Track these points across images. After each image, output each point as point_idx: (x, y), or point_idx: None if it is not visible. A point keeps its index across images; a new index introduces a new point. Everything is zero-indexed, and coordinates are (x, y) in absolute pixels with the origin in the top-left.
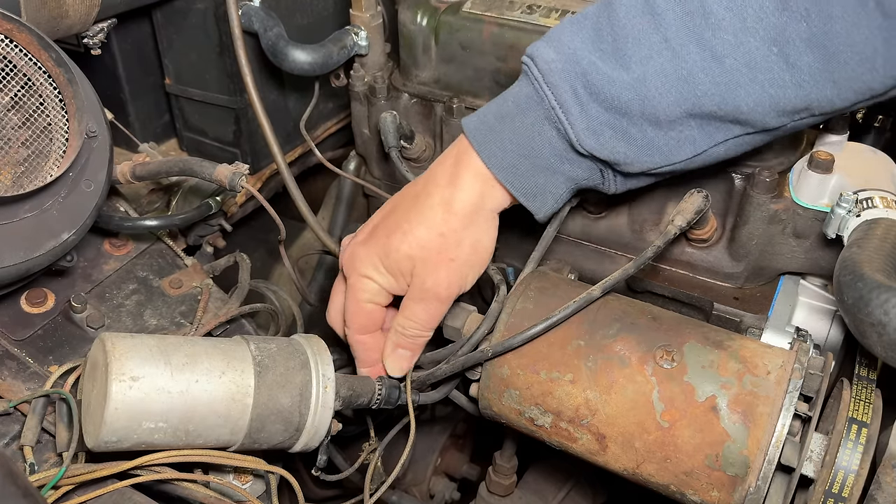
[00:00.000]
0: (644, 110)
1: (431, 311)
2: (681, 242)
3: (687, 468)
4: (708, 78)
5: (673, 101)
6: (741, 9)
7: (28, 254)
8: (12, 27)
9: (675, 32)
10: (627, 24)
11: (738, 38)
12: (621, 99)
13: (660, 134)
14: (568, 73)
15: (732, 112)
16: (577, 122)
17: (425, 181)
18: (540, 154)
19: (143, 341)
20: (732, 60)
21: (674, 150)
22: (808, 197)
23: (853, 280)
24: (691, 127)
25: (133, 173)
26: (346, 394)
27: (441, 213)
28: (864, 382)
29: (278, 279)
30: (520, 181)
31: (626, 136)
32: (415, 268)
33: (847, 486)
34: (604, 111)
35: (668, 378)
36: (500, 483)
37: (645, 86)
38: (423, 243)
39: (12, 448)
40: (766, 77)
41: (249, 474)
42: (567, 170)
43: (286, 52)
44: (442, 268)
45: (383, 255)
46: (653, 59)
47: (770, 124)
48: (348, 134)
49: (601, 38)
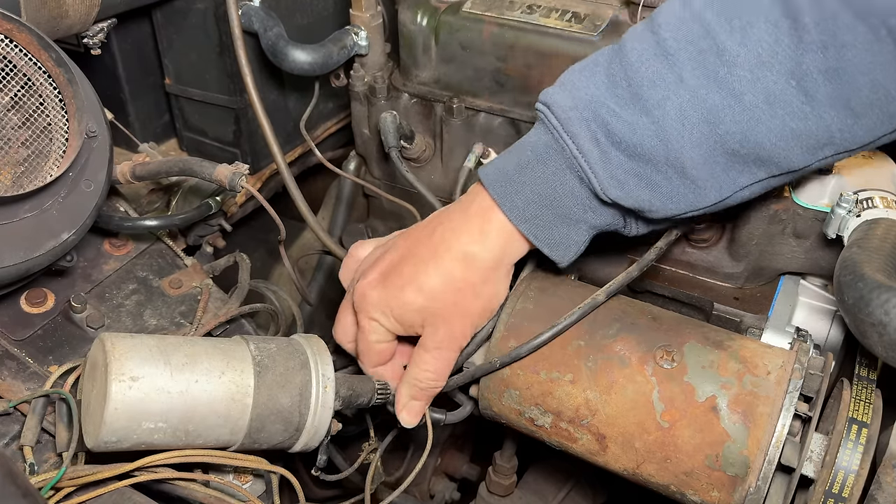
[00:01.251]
0: (668, 156)
1: (445, 360)
2: (681, 242)
3: (687, 468)
4: (728, 116)
5: (696, 141)
6: (755, 44)
7: (28, 254)
8: (12, 27)
9: (690, 72)
10: (641, 67)
11: (754, 74)
12: (644, 146)
13: (685, 181)
14: (587, 120)
15: (755, 150)
16: (600, 172)
17: (444, 229)
18: (562, 203)
19: (143, 341)
20: (751, 97)
21: (699, 197)
22: (808, 197)
23: (853, 280)
24: (716, 172)
25: (133, 173)
26: (346, 394)
27: (461, 268)
28: (864, 382)
29: (278, 279)
30: (543, 232)
31: (650, 183)
32: (426, 319)
33: (847, 486)
34: (626, 159)
35: (668, 378)
36: (500, 483)
37: (665, 129)
38: (438, 296)
39: (12, 448)
40: (786, 111)
41: (249, 474)
42: (590, 218)
43: (286, 52)
44: (456, 321)
45: (395, 306)
46: (670, 99)
47: (795, 164)
48: (348, 134)
49: (616, 83)
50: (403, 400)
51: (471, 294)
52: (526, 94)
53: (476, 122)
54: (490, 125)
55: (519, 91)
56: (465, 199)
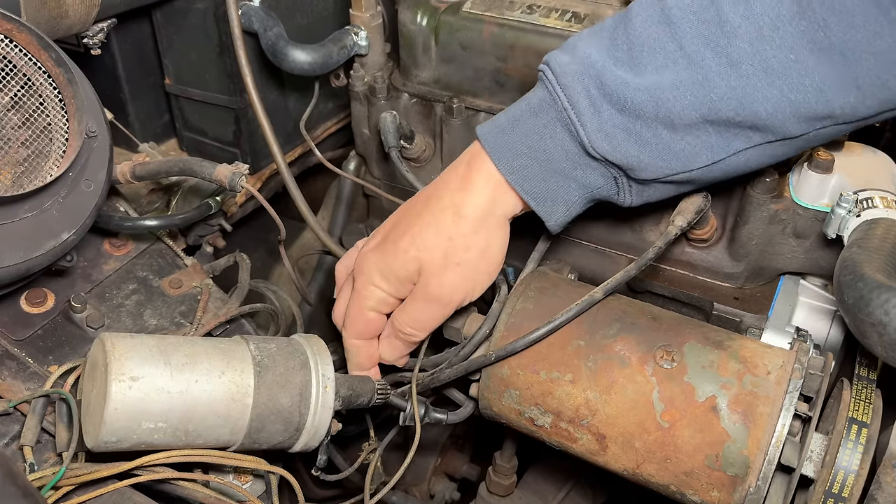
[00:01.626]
0: (658, 113)
1: (432, 313)
2: (681, 242)
3: (687, 468)
4: (724, 82)
5: (688, 104)
6: (758, 17)
7: (28, 254)
8: (12, 27)
9: (690, 40)
10: (643, 32)
11: (753, 47)
12: (635, 101)
13: (675, 138)
14: (581, 75)
15: (751, 118)
16: (589, 124)
17: (437, 185)
18: (552, 157)
19: (143, 341)
20: (749, 66)
21: (690, 157)
22: (808, 197)
23: (853, 280)
24: (708, 132)
25: (133, 173)
26: (346, 394)
27: (451, 216)
28: (864, 382)
29: (278, 279)
30: (531, 184)
31: (639, 139)
32: (421, 269)
33: (847, 486)
34: (617, 113)
35: (668, 378)
36: (500, 483)
37: (660, 90)
38: (431, 246)
39: (12, 448)
40: (785, 82)
41: (249, 474)
42: (580, 175)
43: (286, 52)
44: (448, 272)
45: (391, 260)
46: (668, 66)
47: (791, 131)
48: (348, 134)
49: (616, 46)
50: (384, 334)
51: (461, 244)
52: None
53: (476, 122)
54: None
55: (519, 91)
56: (461, 156)
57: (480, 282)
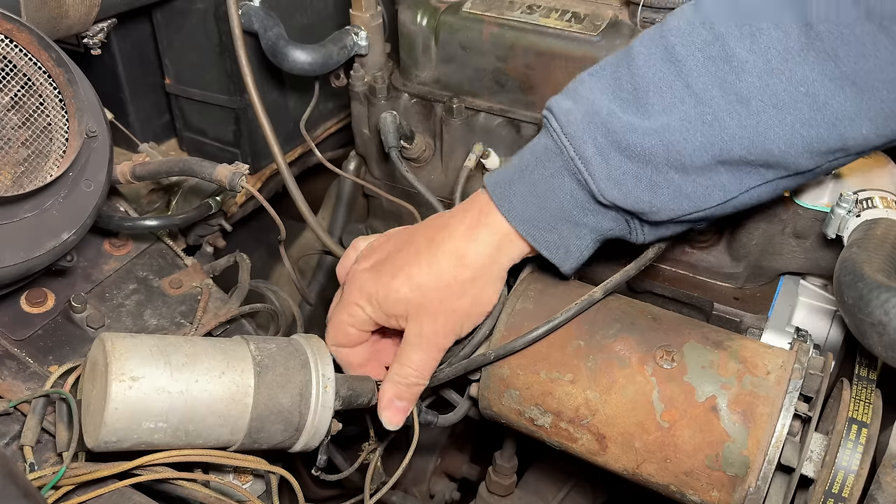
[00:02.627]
0: (669, 157)
1: (430, 358)
2: (681, 242)
3: (687, 468)
4: (734, 122)
5: (699, 146)
6: (765, 51)
7: (28, 254)
8: (12, 27)
9: (696, 78)
10: (647, 72)
11: (763, 81)
12: (644, 146)
13: (687, 180)
14: (587, 122)
15: (763, 156)
16: (597, 173)
17: (442, 226)
18: (562, 206)
19: (143, 341)
20: (759, 102)
21: (703, 197)
22: (808, 197)
23: (853, 280)
24: (720, 173)
25: (133, 173)
26: (346, 394)
27: (451, 263)
28: (864, 382)
29: (278, 279)
30: (541, 234)
31: (650, 184)
32: (411, 313)
33: (847, 486)
34: (626, 160)
35: (668, 378)
36: (500, 483)
37: (669, 132)
38: (425, 290)
39: (12, 448)
40: (796, 117)
41: (249, 474)
42: (591, 221)
43: (286, 52)
44: (440, 317)
45: (383, 294)
46: (676, 106)
47: (804, 166)
48: (348, 134)
49: (620, 87)
50: (386, 400)
51: (457, 291)
52: (526, 94)
53: (476, 122)
54: (490, 125)
55: (519, 91)
56: (467, 202)
57: (470, 324)
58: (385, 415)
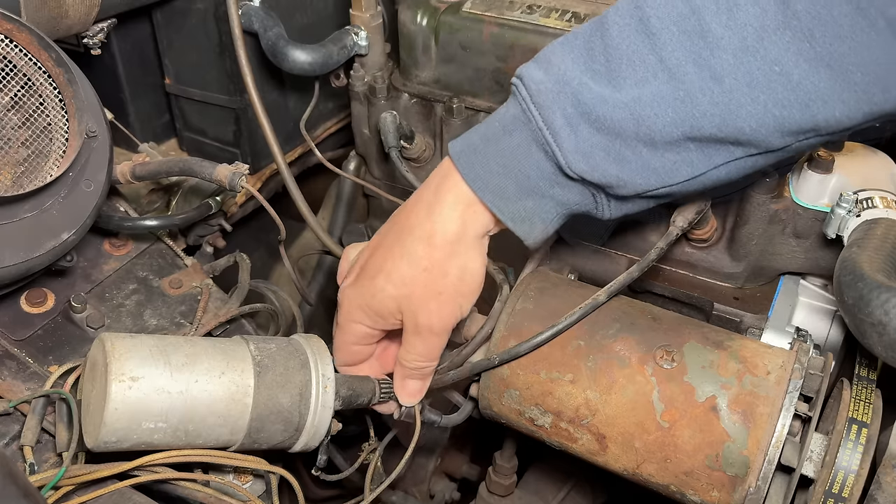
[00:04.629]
0: (638, 131)
1: (430, 344)
2: (681, 242)
3: (687, 468)
4: (707, 98)
5: (670, 122)
6: (741, 28)
7: (28, 254)
8: (12, 27)
9: (671, 52)
10: (621, 44)
11: (737, 58)
12: (614, 119)
13: (656, 155)
14: (557, 93)
15: (734, 133)
16: (565, 144)
17: (408, 212)
18: (527, 177)
19: (143, 341)
20: (732, 80)
21: (670, 172)
22: (808, 197)
23: (853, 280)
24: (689, 149)
25: (133, 173)
26: (346, 394)
27: (422, 247)
28: (864, 382)
29: (278, 279)
30: (506, 205)
31: (619, 158)
32: (402, 306)
33: (847, 486)
34: (595, 132)
35: (668, 378)
36: (500, 483)
37: (640, 106)
38: (407, 281)
39: (12, 448)
40: (769, 97)
41: (249, 474)
42: (557, 194)
43: (286, 52)
44: (431, 302)
45: (369, 298)
46: (648, 81)
47: (774, 145)
48: (348, 134)
49: (593, 58)
50: (399, 381)
51: (438, 272)
52: None
53: (476, 122)
54: None
55: None
56: (432, 175)
57: (466, 302)
58: (400, 394)
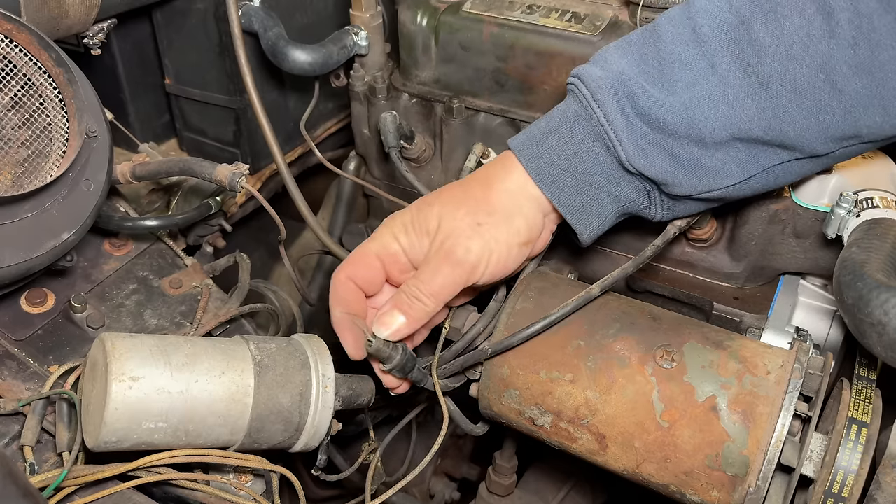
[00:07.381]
0: (690, 132)
1: (445, 275)
2: (681, 242)
3: (687, 468)
4: (754, 103)
5: (719, 124)
6: (787, 36)
7: (28, 254)
8: (12, 27)
9: (721, 59)
10: (674, 50)
11: (783, 66)
12: (667, 121)
13: (706, 155)
14: (616, 91)
15: (779, 137)
16: (625, 139)
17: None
18: (587, 171)
19: (143, 341)
20: (778, 86)
21: (721, 174)
22: (807, 197)
23: (853, 280)
24: (738, 150)
25: (133, 173)
26: (346, 394)
27: (480, 184)
28: (864, 382)
29: (278, 279)
30: (566, 197)
31: (672, 155)
32: (441, 224)
33: (847, 486)
34: (650, 130)
35: (668, 378)
36: (500, 483)
37: (691, 110)
38: (455, 203)
39: (12, 448)
40: (814, 103)
41: (250, 474)
42: (614, 189)
43: (286, 52)
44: (467, 230)
45: (416, 212)
46: (699, 84)
47: (818, 150)
48: (348, 134)
49: (646, 62)
50: (385, 308)
51: (485, 207)
52: (526, 94)
53: (476, 122)
54: (490, 125)
55: (519, 91)
56: (491, 163)
57: (498, 254)
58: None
